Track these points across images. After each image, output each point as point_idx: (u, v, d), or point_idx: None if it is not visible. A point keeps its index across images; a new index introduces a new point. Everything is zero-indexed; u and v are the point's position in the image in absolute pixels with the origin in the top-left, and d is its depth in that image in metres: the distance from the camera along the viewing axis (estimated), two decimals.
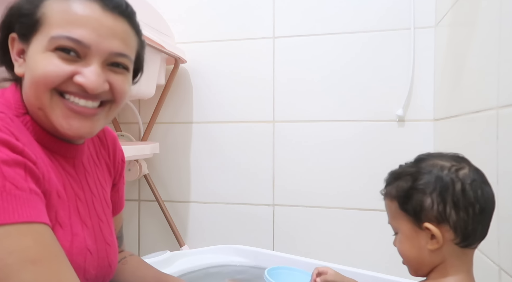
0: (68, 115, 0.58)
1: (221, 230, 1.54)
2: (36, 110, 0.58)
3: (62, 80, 0.57)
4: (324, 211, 1.43)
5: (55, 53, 0.56)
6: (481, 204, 0.59)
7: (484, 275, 0.86)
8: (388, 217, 0.67)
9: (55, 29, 0.56)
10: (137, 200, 1.63)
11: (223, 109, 1.53)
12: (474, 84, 0.97)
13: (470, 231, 0.59)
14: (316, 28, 1.44)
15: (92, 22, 0.57)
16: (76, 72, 0.57)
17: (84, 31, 0.56)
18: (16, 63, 0.60)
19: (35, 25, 0.57)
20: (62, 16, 0.56)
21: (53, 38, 0.56)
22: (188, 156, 1.57)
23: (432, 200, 0.59)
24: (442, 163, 0.61)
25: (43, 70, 0.56)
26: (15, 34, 0.60)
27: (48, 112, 0.58)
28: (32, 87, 0.57)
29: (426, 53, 1.34)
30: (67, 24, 0.56)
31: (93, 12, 0.57)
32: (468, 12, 1.01)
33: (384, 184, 0.68)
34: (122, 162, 0.83)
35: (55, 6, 0.57)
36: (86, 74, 0.57)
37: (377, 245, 1.36)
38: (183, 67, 1.55)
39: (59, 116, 0.58)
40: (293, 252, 1.30)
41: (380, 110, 1.38)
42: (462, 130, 1.05)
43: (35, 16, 0.57)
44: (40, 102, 0.57)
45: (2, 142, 0.49)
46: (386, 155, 1.37)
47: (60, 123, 0.58)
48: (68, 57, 0.57)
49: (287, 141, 1.47)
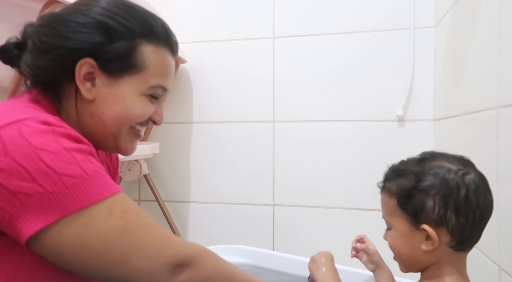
0: (133, 140, 0.70)
1: (221, 230, 1.54)
2: (108, 135, 0.66)
3: (146, 119, 0.68)
4: (324, 211, 1.43)
5: (146, 97, 0.66)
6: (481, 211, 0.58)
7: (484, 275, 0.86)
8: (383, 212, 0.66)
9: (154, 78, 0.66)
10: (137, 200, 1.63)
11: (223, 109, 1.53)
12: (474, 84, 0.97)
13: (467, 236, 0.59)
14: (316, 28, 1.44)
15: (171, 72, 0.70)
16: (154, 111, 0.69)
17: (169, 81, 0.69)
18: (83, 87, 0.62)
19: (132, 67, 0.64)
20: (159, 67, 0.66)
21: (152, 87, 0.66)
22: (188, 156, 1.57)
23: (434, 202, 0.58)
24: (448, 165, 0.59)
25: (140, 111, 0.66)
26: (93, 62, 0.62)
27: (120, 138, 0.67)
28: (118, 119, 0.65)
29: (426, 53, 1.34)
30: (162, 76, 0.67)
31: (171, 62, 0.70)
32: (468, 12, 1.01)
33: (384, 177, 0.66)
34: (116, 160, 0.86)
35: (153, 56, 0.65)
36: (160, 113, 0.70)
37: (377, 245, 1.36)
38: (183, 67, 1.55)
39: (128, 142, 0.69)
40: (293, 252, 1.30)
41: (380, 110, 1.38)
42: (462, 130, 1.05)
43: (134, 61, 0.63)
44: (119, 131, 0.66)
45: (74, 137, 0.55)
46: (386, 155, 1.37)
47: (127, 147, 0.69)
48: (153, 100, 0.68)
49: (287, 141, 1.47)
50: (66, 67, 0.62)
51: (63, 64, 0.61)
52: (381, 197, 0.67)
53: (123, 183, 1.56)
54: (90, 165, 0.53)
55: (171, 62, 0.70)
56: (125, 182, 1.58)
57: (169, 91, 0.70)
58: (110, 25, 0.61)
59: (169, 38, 0.68)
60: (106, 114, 0.64)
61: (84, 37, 0.61)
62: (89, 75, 0.63)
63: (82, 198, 0.51)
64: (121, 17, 0.63)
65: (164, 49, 0.67)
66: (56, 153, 0.51)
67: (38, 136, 0.51)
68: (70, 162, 0.51)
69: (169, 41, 0.68)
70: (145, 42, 0.64)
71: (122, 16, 0.63)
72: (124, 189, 1.29)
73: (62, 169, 0.50)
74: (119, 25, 0.62)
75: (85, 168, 0.52)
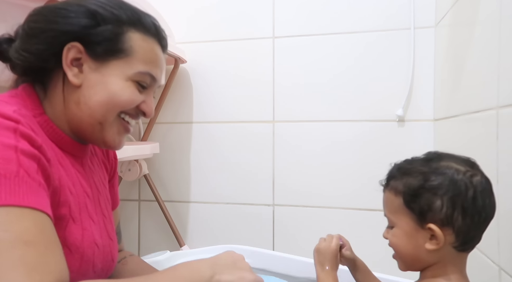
0: (121, 133, 0.68)
1: (221, 230, 1.54)
2: (95, 123, 0.64)
3: (133, 107, 0.66)
4: (324, 211, 1.43)
5: (134, 84, 0.65)
6: (486, 213, 0.59)
7: (484, 275, 0.86)
8: (386, 210, 0.66)
9: (142, 65, 0.65)
10: (137, 200, 1.63)
11: (223, 109, 1.53)
12: (474, 84, 0.97)
13: (471, 237, 0.59)
14: (315, 28, 1.44)
15: (161, 64, 0.69)
16: (143, 101, 0.67)
17: (158, 71, 0.68)
18: (70, 72, 0.63)
19: (119, 52, 0.63)
20: (148, 55, 0.66)
21: (140, 73, 0.65)
22: (188, 156, 1.57)
23: (442, 202, 0.58)
24: (456, 166, 0.60)
25: (127, 97, 0.64)
26: (80, 46, 0.62)
27: (107, 127, 0.65)
28: (104, 105, 0.63)
29: (426, 53, 1.34)
30: (150, 63, 0.66)
31: (160, 54, 0.69)
32: (468, 12, 1.01)
33: (388, 175, 0.66)
34: (115, 159, 0.86)
35: (141, 43, 0.65)
36: (149, 103, 0.68)
37: (377, 245, 1.35)
38: (183, 67, 1.55)
39: (115, 133, 0.67)
40: (293, 252, 1.30)
41: (380, 110, 1.38)
42: (462, 131, 1.05)
43: (122, 45, 0.63)
44: (105, 119, 0.64)
45: (24, 135, 0.52)
46: (386, 155, 1.37)
47: (113, 138, 0.67)
48: (141, 89, 0.67)
49: (287, 141, 1.47)
50: (54, 52, 0.62)
51: (51, 48, 0.62)
52: (384, 195, 0.67)
53: (123, 183, 1.56)
54: (12, 166, 0.49)
55: (160, 54, 0.69)
56: (125, 182, 1.58)
57: (159, 83, 0.70)
58: (98, 11, 0.63)
59: (158, 31, 0.69)
60: (92, 100, 0.63)
61: (71, 21, 0.62)
62: (77, 61, 0.63)
63: None
64: (109, 6, 0.64)
65: (153, 40, 0.67)
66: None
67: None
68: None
69: (158, 34, 0.68)
70: (133, 30, 0.65)
71: (110, 6, 0.64)
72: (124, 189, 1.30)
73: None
74: (106, 12, 0.63)
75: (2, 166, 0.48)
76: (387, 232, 0.66)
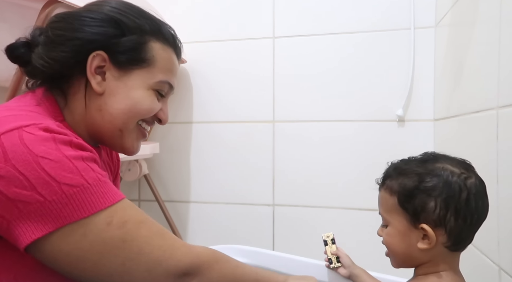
0: (139, 139, 0.71)
1: (221, 230, 1.54)
2: (115, 130, 0.66)
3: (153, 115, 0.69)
4: (324, 211, 1.43)
5: (154, 92, 0.67)
6: (479, 215, 0.60)
7: (484, 275, 0.86)
8: (380, 209, 0.67)
9: (162, 74, 0.67)
10: (137, 200, 1.63)
11: (223, 109, 1.53)
12: (474, 84, 0.97)
13: (463, 238, 0.61)
14: (316, 28, 1.44)
15: (177, 72, 0.72)
16: (160, 109, 0.70)
17: (175, 80, 0.71)
18: (94, 79, 0.63)
19: (142, 61, 0.65)
20: (167, 64, 0.68)
21: (160, 82, 0.67)
22: (188, 156, 1.57)
23: (436, 203, 0.59)
24: (451, 168, 0.60)
25: (148, 106, 0.66)
26: (105, 55, 0.63)
27: (127, 134, 0.67)
28: (125, 113, 0.65)
29: (426, 53, 1.34)
30: (169, 72, 0.69)
31: (177, 63, 0.72)
32: (468, 12, 1.01)
33: (384, 175, 0.67)
34: (118, 161, 0.87)
35: (161, 53, 0.67)
36: (165, 111, 0.72)
37: (377, 245, 1.35)
38: (183, 67, 1.55)
39: (134, 139, 0.69)
40: (293, 252, 1.30)
41: (380, 110, 1.38)
42: (462, 131, 1.05)
43: (145, 55, 0.65)
44: (126, 126, 0.66)
45: (77, 145, 0.55)
46: (386, 155, 1.35)
47: (132, 144, 0.69)
48: (159, 97, 0.69)
49: (287, 141, 1.47)
50: (78, 60, 0.62)
51: (76, 56, 0.62)
52: (379, 194, 0.68)
53: (123, 183, 1.56)
54: (91, 173, 0.53)
55: (177, 63, 0.72)
56: (125, 182, 1.58)
57: (174, 91, 0.73)
58: (122, 21, 0.64)
59: (175, 41, 0.71)
60: (114, 108, 0.64)
61: (97, 29, 0.63)
62: (100, 69, 0.64)
63: (82, 208, 0.51)
64: (131, 15, 0.65)
65: (171, 50, 0.70)
66: (57, 161, 0.50)
67: (39, 144, 0.50)
68: (71, 170, 0.51)
69: (175, 43, 0.71)
70: (154, 39, 0.67)
71: (132, 15, 0.65)
72: (124, 189, 1.29)
73: (63, 178, 0.50)
74: (130, 21, 0.64)
75: (87, 177, 0.52)
76: (381, 230, 0.68)
